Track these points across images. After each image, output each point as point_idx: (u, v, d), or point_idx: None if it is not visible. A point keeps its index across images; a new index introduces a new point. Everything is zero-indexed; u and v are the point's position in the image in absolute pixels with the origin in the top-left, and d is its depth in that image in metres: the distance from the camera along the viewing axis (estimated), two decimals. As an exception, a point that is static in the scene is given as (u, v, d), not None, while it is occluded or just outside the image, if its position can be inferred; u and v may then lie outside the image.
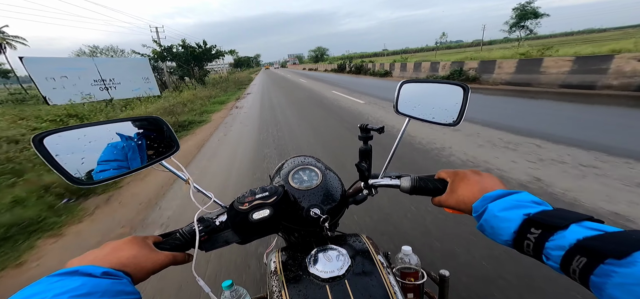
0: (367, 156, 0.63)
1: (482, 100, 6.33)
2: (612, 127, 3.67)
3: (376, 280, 0.49)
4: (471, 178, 0.47)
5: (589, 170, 2.51)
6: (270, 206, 0.49)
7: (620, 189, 2.17)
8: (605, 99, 5.35)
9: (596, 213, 1.90)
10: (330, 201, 0.61)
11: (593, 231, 0.29)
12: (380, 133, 0.61)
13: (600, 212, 1.92)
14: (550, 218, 0.33)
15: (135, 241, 0.41)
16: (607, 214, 1.89)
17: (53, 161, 0.39)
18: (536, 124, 4.06)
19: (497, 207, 0.38)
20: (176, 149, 0.53)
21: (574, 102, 5.33)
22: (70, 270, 0.32)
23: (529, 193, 0.39)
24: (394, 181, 0.59)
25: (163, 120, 0.53)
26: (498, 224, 0.37)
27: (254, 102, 9.99)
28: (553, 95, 6.29)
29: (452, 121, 0.60)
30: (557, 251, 0.30)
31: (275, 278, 0.52)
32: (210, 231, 0.51)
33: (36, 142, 0.38)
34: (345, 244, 0.58)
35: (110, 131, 0.46)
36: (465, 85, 0.59)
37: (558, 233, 0.31)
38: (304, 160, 0.73)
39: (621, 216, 1.86)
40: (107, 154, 0.44)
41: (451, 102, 0.60)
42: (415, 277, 0.77)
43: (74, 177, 0.41)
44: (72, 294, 0.28)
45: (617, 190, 2.16)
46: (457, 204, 0.47)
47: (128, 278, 0.35)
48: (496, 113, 4.95)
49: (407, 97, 0.65)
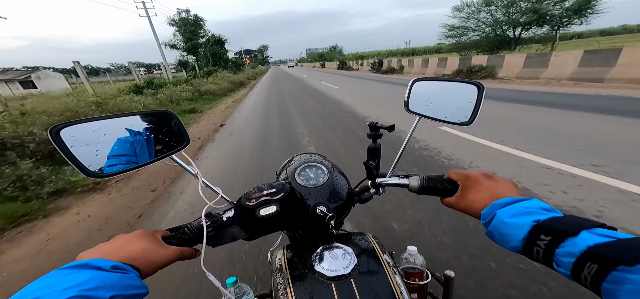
0: (375, 154, 0.62)
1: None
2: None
3: (382, 279, 0.49)
4: (483, 183, 0.46)
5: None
6: (277, 202, 0.49)
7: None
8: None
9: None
10: (336, 199, 0.61)
11: (604, 238, 0.28)
12: (391, 132, 0.60)
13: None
14: (561, 225, 0.32)
15: (144, 236, 0.42)
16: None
17: (69, 152, 0.40)
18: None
19: (506, 214, 0.38)
20: (186, 143, 0.53)
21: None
22: (80, 263, 0.32)
23: (539, 200, 0.38)
24: (403, 180, 0.58)
25: (173, 114, 0.54)
26: (507, 231, 0.37)
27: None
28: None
29: (465, 120, 0.58)
30: (567, 258, 0.30)
31: (280, 275, 0.52)
32: (218, 227, 0.52)
33: (53, 134, 0.39)
34: (350, 243, 0.58)
35: (122, 124, 0.47)
36: (480, 83, 0.57)
37: (569, 240, 0.30)
38: (311, 157, 0.73)
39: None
40: (117, 149, 0.45)
41: (464, 101, 0.58)
42: (420, 277, 0.77)
43: (87, 169, 0.42)
44: (81, 288, 0.29)
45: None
46: (466, 209, 0.46)
47: (136, 272, 0.36)
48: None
49: (419, 95, 0.63)
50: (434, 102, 0.62)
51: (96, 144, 0.44)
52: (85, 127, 0.43)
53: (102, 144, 0.44)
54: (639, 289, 0.24)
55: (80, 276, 0.30)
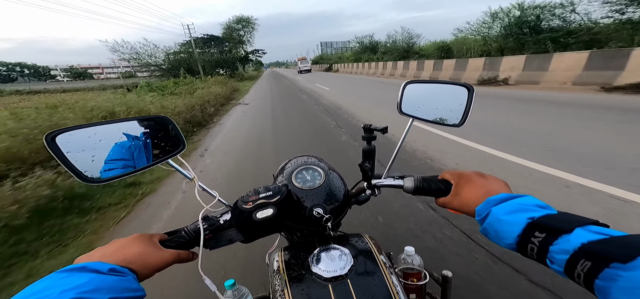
0: (370, 156, 0.63)
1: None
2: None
3: (379, 280, 0.49)
4: (476, 181, 0.47)
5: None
6: (273, 205, 0.49)
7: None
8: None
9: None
10: (333, 201, 0.62)
11: (598, 235, 0.29)
12: (384, 133, 0.61)
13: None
14: (555, 222, 0.32)
15: (142, 239, 0.42)
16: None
17: (64, 159, 0.40)
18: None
19: (500, 211, 0.38)
20: (182, 148, 0.54)
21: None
22: (78, 266, 0.33)
23: (533, 197, 0.38)
24: (397, 181, 0.59)
25: (170, 119, 0.54)
26: (502, 228, 0.37)
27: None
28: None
29: (456, 121, 0.60)
30: (561, 255, 0.30)
31: (278, 277, 0.52)
32: (215, 230, 0.52)
33: (49, 140, 0.39)
34: (347, 244, 0.58)
35: (119, 130, 0.47)
36: (469, 86, 0.59)
37: (562, 237, 0.30)
38: (307, 160, 0.73)
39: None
40: (114, 154, 0.45)
41: (455, 103, 0.60)
42: (418, 278, 0.77)
43: (83, 175, 0.42)
44: (78, 291, 0.29)
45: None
46: (460, 207, 0.47)
47: (134, 275, 0.36)
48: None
49: (411, 97, 0.64)
50: (426, 104, 0.63)
51: (92, 149, 0.44)
52: (82, 133, 0.44)
53: (99, 149, 0.45)
54: (631, 286, 0.24)
55: (77, 279, 0.30)
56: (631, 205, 1.91)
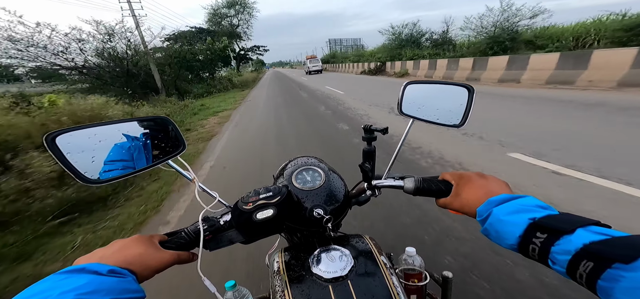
0: (370, 156, 0.63)
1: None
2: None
3: (379, 281, 0.49)
4: (476, 182, 0.46)
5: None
6: (273, 206, 0.49)
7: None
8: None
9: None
10: (333, 202, 0.61)
11: (600, 235, 0.28)
12: (384, 134, 0.61)
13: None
14: (556, 222, 0.32)
15: (141, 240, 0.42)
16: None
17: (64, 159, 0.40)
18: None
19: (502, 212, 0.38)
20: (182, 149, 0.54)
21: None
22: (77, 268, 0.32)
23: (534, 198, 0.38)
24: (398, 182, 0.59)
25: (170, 120, 0.54)
26: (503, 229, 0.37)
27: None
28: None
29: (457, 122, 0.59)
30: (563, 255, 0.30)
31: (278, 278, 0.52)
32: (215, 231, 0.52)
33: (49, 140, 0.39)
34: (348, 245, 0.58)
35: (118, 130, 0.47)
36: (470, 86, 0.59)
37: (564, 238, 0.30)
38: (308, 161, 0.73)
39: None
40: (113, 154, 0.45)
41: (456, 103, 0.60)
42: (418, 278, 0.77)
43: (83, 176, 0.42)
44: (78, 292, 0.29)
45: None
46: (461, 208, 0.47)
47: (133, 276, 0.36)
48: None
49: (412, 98, 0.64)
50: (426, 105, 0.63)
51: (92, 150, 0.44)
52: (82, 134, 0.44)
53: (98, 150, 0.44)
54: (634, 286, 0.24)
55: (77, 280, 0.30)
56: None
